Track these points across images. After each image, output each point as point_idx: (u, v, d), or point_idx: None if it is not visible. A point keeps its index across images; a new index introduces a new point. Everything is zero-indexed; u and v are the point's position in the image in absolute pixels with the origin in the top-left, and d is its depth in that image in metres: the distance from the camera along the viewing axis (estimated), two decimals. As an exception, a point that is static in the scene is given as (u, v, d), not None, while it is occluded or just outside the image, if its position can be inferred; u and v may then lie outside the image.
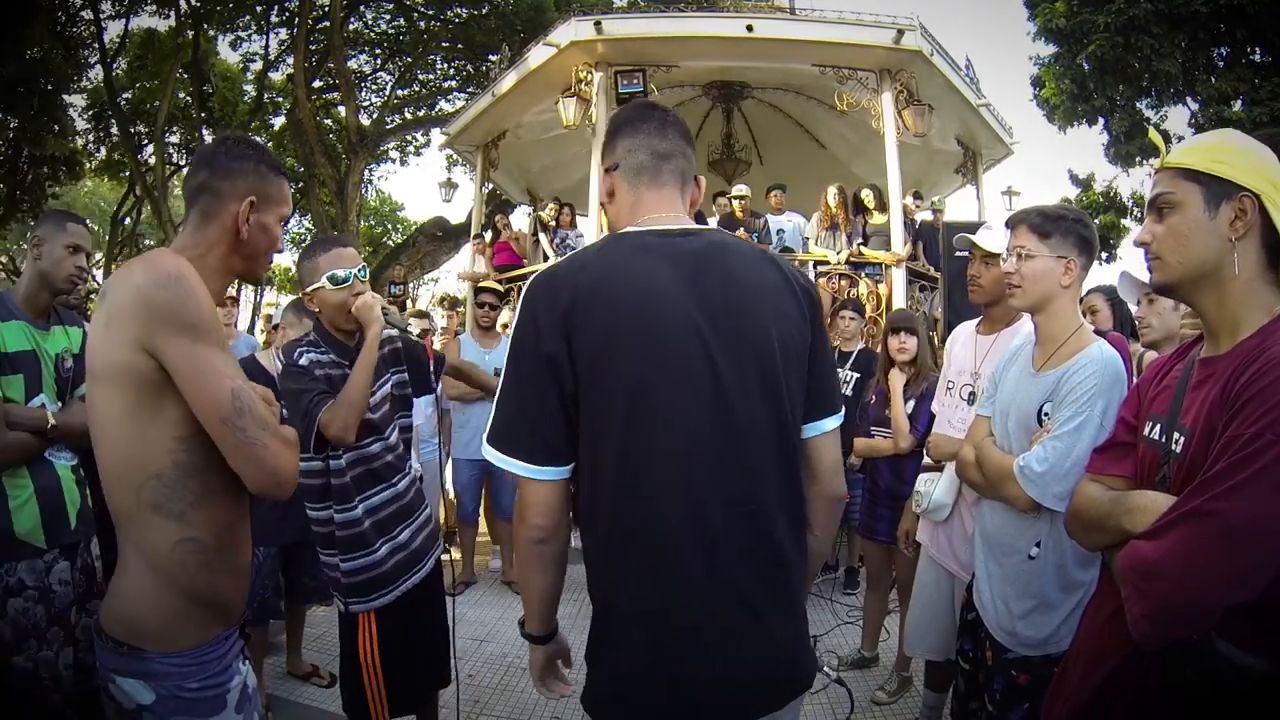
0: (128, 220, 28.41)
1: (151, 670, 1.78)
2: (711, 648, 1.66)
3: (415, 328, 6.49)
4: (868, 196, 9.38)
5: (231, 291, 7.17)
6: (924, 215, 11.10)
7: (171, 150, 26.39)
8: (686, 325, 1.65)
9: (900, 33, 8.94)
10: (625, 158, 1.85)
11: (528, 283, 1.72)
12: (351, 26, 22.76)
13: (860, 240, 9.24)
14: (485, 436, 1.72)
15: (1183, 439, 1.63)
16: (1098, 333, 2.64)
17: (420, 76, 25.25)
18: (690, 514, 1.65)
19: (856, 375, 5.79)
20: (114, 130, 23.88)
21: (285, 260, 42.29)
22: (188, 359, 1.71)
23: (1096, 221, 21.78)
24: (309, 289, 3.02)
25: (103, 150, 25.86)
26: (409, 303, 12.12)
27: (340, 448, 2.93)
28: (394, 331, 3.24)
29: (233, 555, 1.90)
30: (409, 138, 26.85)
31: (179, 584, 1.78)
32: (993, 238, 3.11)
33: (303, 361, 2.96)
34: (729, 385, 1.66)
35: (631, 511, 1.68)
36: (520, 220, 13.24)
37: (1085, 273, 2.51)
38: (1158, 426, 1.74)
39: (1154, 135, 1.87)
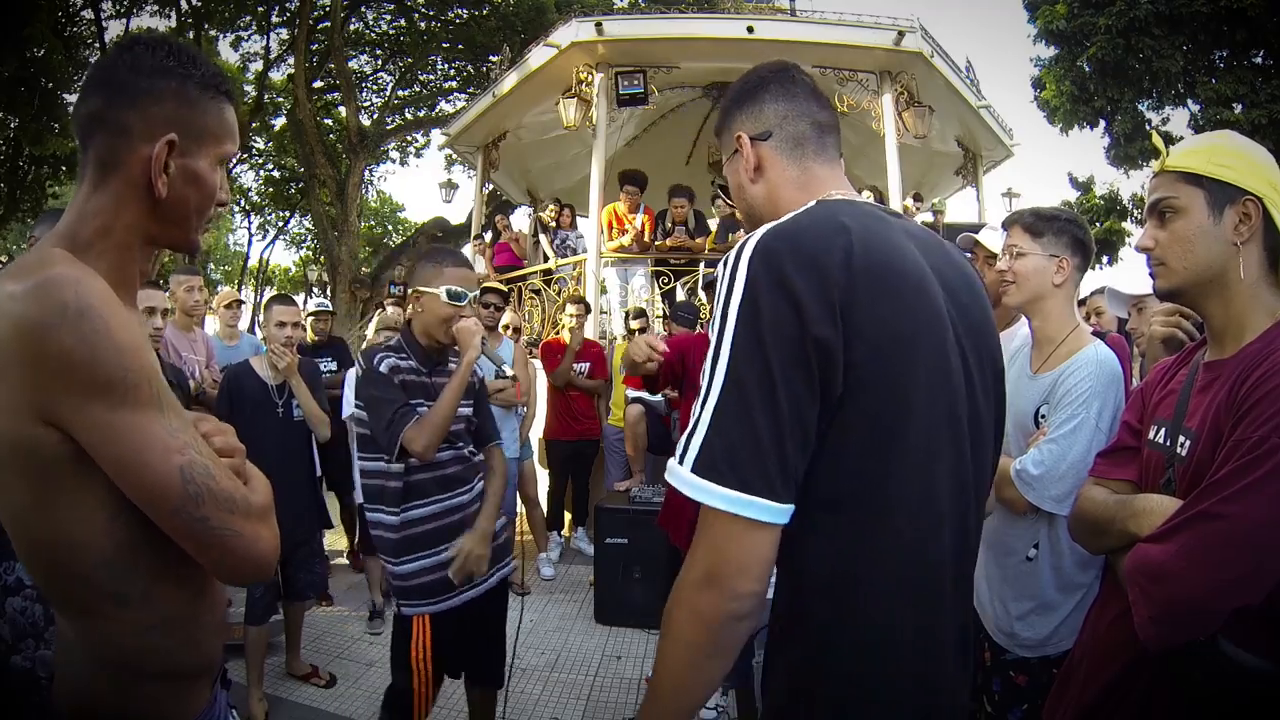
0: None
1: None
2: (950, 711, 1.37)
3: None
4: (867, 198, 9.39)
5: (235, 294, 7.16)
6: (924, 217, 11.11)
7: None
8: (946, 316, 1.32)
9: (900, 34, 8.96)
10: (782, 125, 1.53)
11: (753, 243, 1.25)
12: (352, 27, 22.83)
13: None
14: (688, 463, 1.20)
15: (1188, 442, 1.62)
16: (1099, 334, 2.64)
17: (421, 77, 25.32)
18: (951, 561, 1.32)
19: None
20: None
21: (285, 260, 42.39)
22: (109, 432, 1.18)
23: (1098, 225, 21.83)
24: (421, 289, 3.05)
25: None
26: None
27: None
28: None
29: (210, 607, 1.49)
30: (409, 138, 26.93)
31: (161, 670, 1.39)
32: (996, 238, 3.11)
33: (383, 368, 2.99)
34: (979, 401, 1.39)
35: (918, 554, 1.27)
36: (521, 221, 13.26)
37: (1080, 274, 2.51)
38: (1162, 430, 1.74)
39: (1155, 138, 1.86)
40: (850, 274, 1.19)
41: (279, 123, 26.24)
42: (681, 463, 1.20)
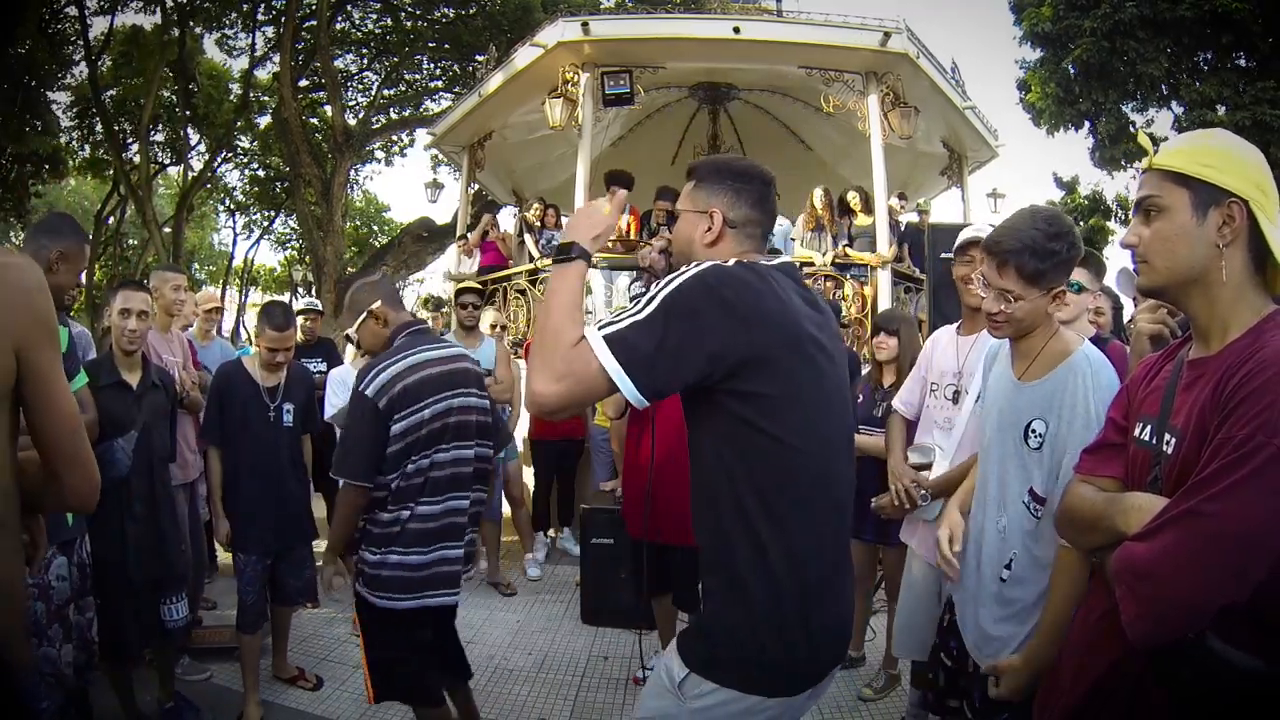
0: (111, 219, 28.27)
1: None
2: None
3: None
4: (853, 198, 9.42)
5: (217, 299, 7.17)
6: (909, 217, 11.14)
7: (156, 149, 26.30)
8: (810, 332, 1.90)
9: (886, 35, 8.97)
10: (746, 225, 2.06)
11: (704, 266, 1.80)
12: (338, 25, 22.69)
13: (845, 242, 9.28)
14: (604, 331, 1.70)
15: (1174, 440, 1.62)
16: (1100, 338, 2.62)
17: (406, 76, 25.22)
18: (841, 494, 1.99)
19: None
20: (98, 128, 23.74)
21: (270, 260, 42.23)
22: (52, 367, 1.63)
23: (1082, 225, 21.93)
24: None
25: (86, 148, 25.72)
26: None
27: None
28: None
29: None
30: (395, 138, 26.83)
31: (16, 594, 1.68)
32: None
33: None
34: (841, 387, 2.01)
35: (810, 473, 1.87)
36: (506, 221, 13.25)
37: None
38: (1148, 428, 1.74)
39: (1142, 137, 1.85)
40: (757, 304, 1.79)
41: (264, 121, 26.12)
42: (600, 329, 1.70)
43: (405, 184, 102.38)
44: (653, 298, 1.73)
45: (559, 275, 1.86)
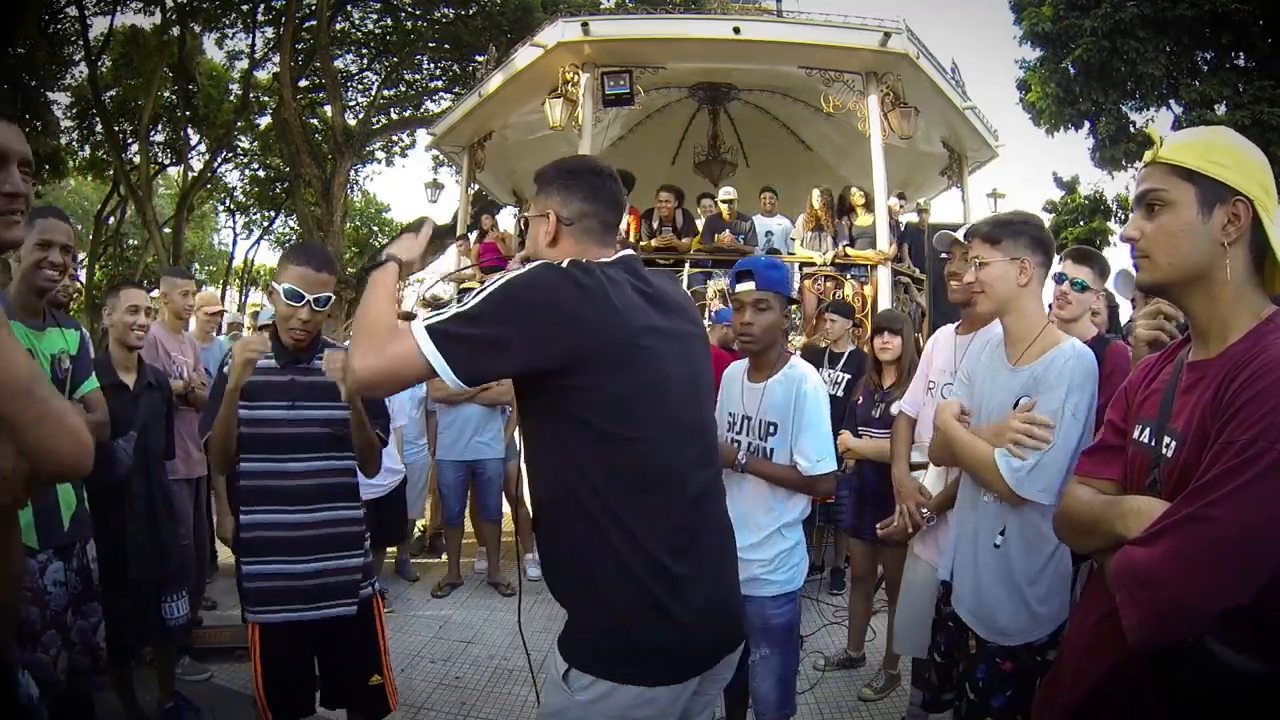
0: (111, 219, 28.27)
1: None
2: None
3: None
4: (856, 195, 9.42)
5: (219, 304, 7.13)
6: (909, 217, 11.14)
7: (156, 149, 26.28)
8: (656, 327, 1.97)
9: (886, 35, 8.99)
10: (580, 220, 2.08)
11: (536, 265, 1.89)
12: (338, 26, 22.70)
13: (845, 241, 9.27)
14: (431, 321, 1.80)
15: (1174, 443, 1.61)
16: (1102, 337, 2.67)
17: (406, 76, 25.22)
18: (698, 480, 2.02)
19: (848, 377, 5.80)
20: (98, 128, 23.73)
21: (270, 261, 42.23)
22: None
23: (1082, 225, 21.95)
24: (271, 285, 3.04)
25: (86, 148, 25.70)
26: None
27: None
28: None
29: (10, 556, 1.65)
30: (395, 138, 26.83)
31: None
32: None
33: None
34: (695, 375, 2.10)
35: (658, 461, 1.93)
36: (507, 221, 13.26)
37: (1044, 270, 2.60)
38: (1147, 430, 1.72)
39: (1151, 130, 1.84)
40: (572, 306, 1.82)
41: (264, 122, 26.13)
42: (425, 320, 1.80)
43: (405, 184, 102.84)
44: (480, 293, 1.83)
45: (376, 277, 2.07)
